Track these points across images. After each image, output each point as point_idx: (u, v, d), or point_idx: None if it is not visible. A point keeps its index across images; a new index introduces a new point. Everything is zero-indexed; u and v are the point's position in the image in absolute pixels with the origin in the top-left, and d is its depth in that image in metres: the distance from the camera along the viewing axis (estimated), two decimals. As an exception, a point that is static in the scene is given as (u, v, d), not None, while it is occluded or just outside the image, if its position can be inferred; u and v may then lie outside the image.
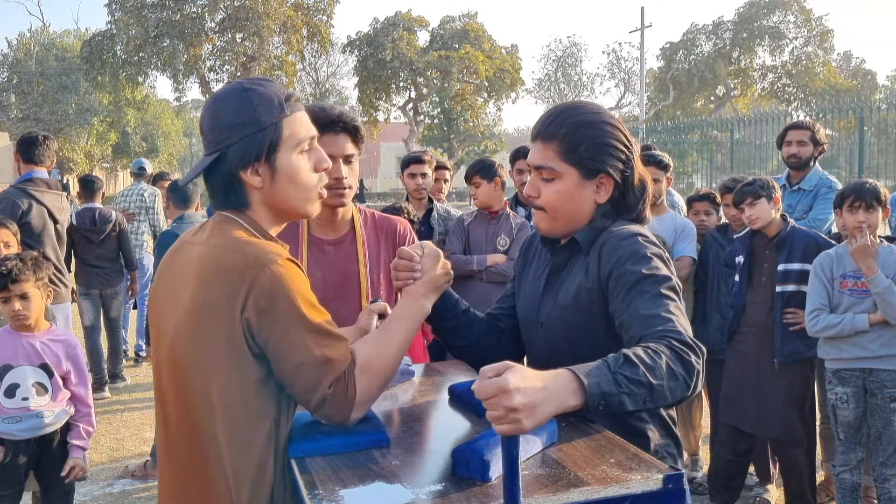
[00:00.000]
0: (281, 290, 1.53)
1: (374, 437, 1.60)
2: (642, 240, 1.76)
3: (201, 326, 1.56)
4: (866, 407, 3.68)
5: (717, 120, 22.46)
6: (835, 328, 3.63)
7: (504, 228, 4.61)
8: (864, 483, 3.88)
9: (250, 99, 1.63)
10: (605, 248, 1.76)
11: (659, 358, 1.47)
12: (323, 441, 1.59)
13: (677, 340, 1.53)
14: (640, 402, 1.43)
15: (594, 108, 1.87)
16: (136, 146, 41.90)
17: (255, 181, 1.64)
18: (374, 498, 1.34)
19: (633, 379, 1.42)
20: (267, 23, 31.60)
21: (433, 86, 36.10)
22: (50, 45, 43.54)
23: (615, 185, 1.83)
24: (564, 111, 1.84)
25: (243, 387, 1.56)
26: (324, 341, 1.56)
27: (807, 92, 38.50)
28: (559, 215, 1.84)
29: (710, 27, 40.19)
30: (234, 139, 1.61)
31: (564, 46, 48.98)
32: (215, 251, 1.59)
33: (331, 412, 1.58)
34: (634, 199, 1.87)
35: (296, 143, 1.66)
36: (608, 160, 1.80)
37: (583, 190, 1.82)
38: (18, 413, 3.24)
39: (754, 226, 3.91)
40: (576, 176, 1.80)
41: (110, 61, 32.47)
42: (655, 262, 1.71)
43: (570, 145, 1.79)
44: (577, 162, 1.79)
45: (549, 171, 1.81)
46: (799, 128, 4.81)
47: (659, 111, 39.53)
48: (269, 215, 1.69)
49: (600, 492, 1.34)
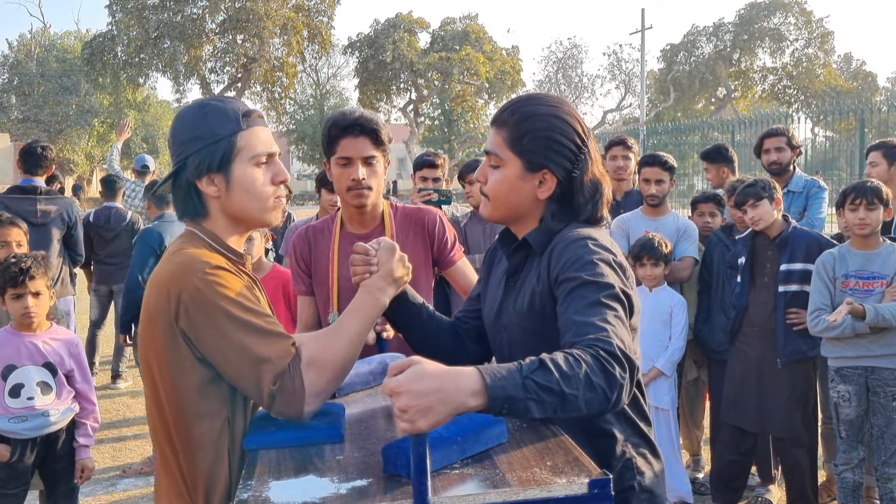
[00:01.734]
0: (208, 296, 1.60)
1: (325, 432, 1.63)
2: (591, 244, 1.70)
3: (151, 332, 1.67)
4: (868, 405, 3.68)
5: (718, 121, 22.47)
6: (836, 329, 3.63)
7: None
8: (866, 483, 3.88)
9: (206, 114, 1.73)
10: (555, 251, 1.74)
11: (578, 367, 1.40)
12: (275, 434, 1.64)
13: (605, 350, 1.46)
14: (550, 409, 1.36)
15: (552, 100, 1.83)
16: (136, 147, 41.87)
17: (210, 190, 1.73)
18: (297, 491, 1.37)
19: (544, 386, 1.35)
20: (267, 24, 31.63)
21: (434, 87, 36.13)
22: (51, 46, 43.57)
23: (558, 184, 1.78)
24: (521, 100, 1.83)
25: (186, 389, 1.65)
26: (259, 340, 1.61)
27: (807, 94, 38.54)
28: (500, 204, 1.82)
29: (711, 29, 40.23)
30: (190, 151, 1.71)
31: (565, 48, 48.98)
32: (162, 264, 1.72)
33: (282, 408, 1.62)
34: (583, 201, 1.80)
35: (251, 156, 1.74)
36: (551, 156, 1.76)
37: (524, 182, 1.78)
38: (24, 413, 3.25)
39: (757, 227, 3.91)
40: (518, 166, 1.78)
41: (111, 62, 32.51)
42: (601, 267, 1.65)
43: (516, 134, 1.77)
44: (520, 152, 1.77)
45: (495, 157, 1.80)
46: (774, 135, 4.92)
47: (660, 113, 39.55)
48: (227, 224, 1.78)
49: (519, 494, 1.32)
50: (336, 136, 2.46)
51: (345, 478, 1.42)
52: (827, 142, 21.19)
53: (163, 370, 1.66)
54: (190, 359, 1.63)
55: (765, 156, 4.88)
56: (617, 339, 1.50)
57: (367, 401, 1.94)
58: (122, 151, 8.57)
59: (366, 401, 1.93)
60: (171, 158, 1.77)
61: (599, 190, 1.83)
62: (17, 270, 3.23)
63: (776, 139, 4.87)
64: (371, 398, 1.96)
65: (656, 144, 19.08)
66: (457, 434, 1.44)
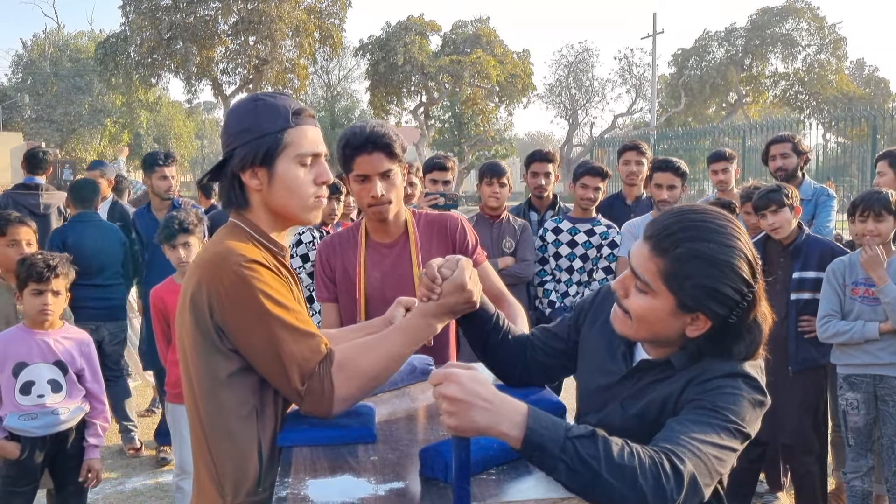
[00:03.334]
0: (242, 290, 1.62)
1: (359, 432, 1.66)
2: (743, 382, 1.54)
3: (186, 321, 1.70)
4: (877, 413, 3.67)
5: (729, 127, 22.42)
6: (845, 335, 3.63)
7: (507, 231, 4.63)
8: (876, 492, 3.86)
9: (257, 108, 1.76)
10: (701, 377, 1.56)
11: (631, 460, 1.30)
12: (310, 432, 1.67)
13: (670, 462, 1.33)
14: (578, 483, 1.30)
15: (723, 234, 1.55)
16: (148, 147, 42.10)
17: (253, 183, 1.76)
18: (336, 490, 1.39)
19: (583, 457, 1.29)
20: (279, 26, 31.70)
21: (444, 90, 36.14)
22: (64, 46, 43.78)
23: (713, 328, 1.57)
24: (688, 227, 1.55)
25: (216, 378, 1.67)
26: (289, 337, 1.63)
27: (819, 99, 38.38)
28: (642, 329, 1.62)
29: (723, 34, 40.12)
30: (237, 143, 1.75)
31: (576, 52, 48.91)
32: (200, 254, 1.77)
33: (310, 408, 1.66)
34: (739, 345, 1.58)
35: (296, 154, 1.76)
36: (710, 304, 1.53)
37: (674, 318, 1.57)
38: (35, 410, 3.28)
39: (775, 235, 3.90)
40: (671, 304, 1.55)
41: (124, 63, 32.62)
42: (742, 405, 1.50)
43: (675, 273, 1.53)
44: (676, 292, 1.54)
45: (644, 284, 1.57)
46: (781, 141, 4.97)
47: (670, 117, 39.46)
48: (268, 218, 1.80)
49: (557, 503, 1.34)
50: (351, 155, 2.48)
51: (381, 479, 1.44)
52: (839, 148, 21.09)
53: (194, 358, 1.69)
54: (221, 349, 1.66)
55: (771, 162, 4.93)
56: (693, 463, 1.37)
57: (395, 402, 1.96)
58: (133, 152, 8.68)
59: (393, 402, 1.96)
60: (222, 149, 1.83)
61: (759, 332, 1.60)
62: (43, 266, 3.27)
63: (781, 145, 4.90)
64: (399, 399, 1.98)
65: (667, 149, 19.04)
66: (494, 440, 1.44)
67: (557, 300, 4.58)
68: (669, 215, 1.60)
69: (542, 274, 4.66)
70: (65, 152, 36.05)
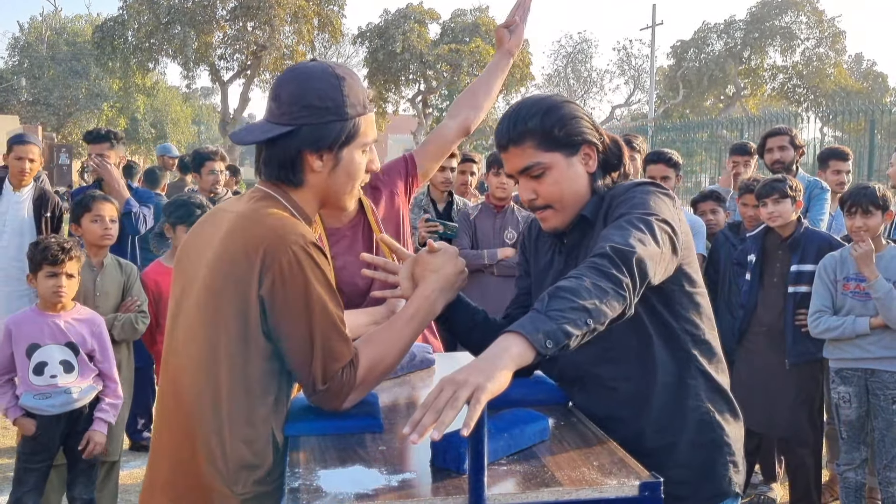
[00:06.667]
0: (299, 271, 1.54)
1: (367, 422, 1.66)
2: (641, 186, 1.77)
3: (218, 291, 1.58)
4: (869, 406, 3.70)
5: (727, 119, 22.39)
6: (836, 330, 3.66)
7: (510, 222, 4.65)
8: (869, 484, 3.90)
9: (342, 87, 1.65)
10: (612, 208, 1.76)
11: (581, 280, 1.45)
12: (317, 422, 1.65)
13: (601, 256, 1.50)
14: (583, 323, 1.41)
15: (543, 95, 1.89)
16: (145, 132, 41.87)
17: (316, 165, 1.67)
18: (347, 480, 1.39)
19: (565, 307, 1.40)
20: (278, 12, 31.51)
21: (443, 79, 36.00)
22: (61, 29, 43.47)
23: (597, 150, 1.85)
24: (520, 110, 1.83)
25: (250, 359, 1.58)
26: (331, 333, 1.58)
27: (817, 93, 38.29)
28: (566, 203, 1.82)
29: (722, 26, 39.97)
30: (312, 120, 1.63)
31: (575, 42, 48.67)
32: (243, 221, 1.61)
33: (322, 403, 1.63)
34: (616, 157, 1.88)
35: (364, 142, 1.71)
36: (583, 131, 1.81)
37: (574, 168, 1.82)
38: (48, 390, 3.39)
39: (773, 223, 3.92)
40: (562, 159, 1.80)
41: (121, 47, 32.40)
42: (651, 201, 1.69)
43: (544, 134, 1.79)
44: (556, 146, 1.79)
45: (536, 167, 1.80)
46: (778, 134, 5.00)
47: (668, 109, 39.36)
48: (313, 200, 1.72)
49: (572, 493, 1.35)
50: None
51: (392, 470, 1.44)
52: (836, 142, 21.09)
53: (227, 332, 1.57)
54: (257, 328, 1.57)
55: (768, 155, 4.93)
56: (618, 241, 1.53)
57: (397, 390, 1.97)
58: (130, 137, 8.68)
59: (395, 390, 1.96)
60: (274, 114, 1.65)
61: (619, 144, 1.90)
62: (58, 249, 3.34)
63: (779, 138, 4.92)
64: (400, 387, 1.99)
65: (664, 141, 19.02)
66: (503, 430, 1.47)
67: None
68: (503, 119, 1.86)
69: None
70: (61, 136, 35.86)
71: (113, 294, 3.93)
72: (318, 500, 1.30)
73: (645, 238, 1.56)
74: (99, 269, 3.90)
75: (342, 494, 1.32)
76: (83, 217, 3.95)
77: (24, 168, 5.04)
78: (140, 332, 3.95)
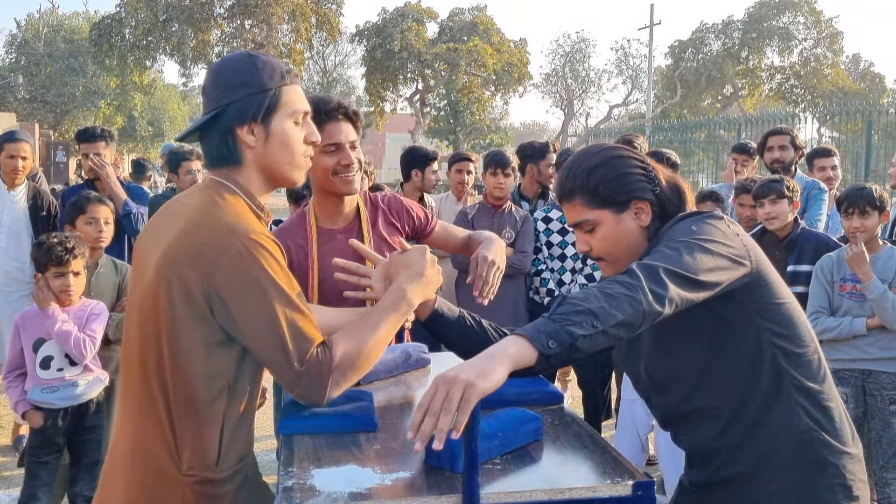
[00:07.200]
0: (250, 262, 1.57)
1: (360, 420, 1.66)
2: (693, 217, 1.74)
3: (167, 280, 1.60)
4: (866, 407, 3.70)
5: (724, 119, 22.42)
6: (833, 331, 3.66)
7: (508, 221, 4.65)
8: (863, 484, 3.90)
9: (255, 63, 1.73)
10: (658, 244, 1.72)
11: (590, 290, 1.48)
12: (311, 420, 1.66)
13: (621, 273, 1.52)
14: (589, 325, 1.40)
15: (597, 148, 1.89)
16: (142, 130, 41.85)
17: (249, 139, 1.72)
18: (341, 480, 1.39)
19: (571, 311, 1.42)
20: (276, 10, 31.50)
21: (441, 78, 35.99)
22: (58, 26, 43.40)
23: (651, 204, 1.82)
24: (573, 164, 1.86)
25: (191, 345, 1.60)
26: (295, 315, 1.59)
27: (814, 94, 38.34)
28: (618, 256, 1.83)
29: (720, 26, 40.01)
30: (235, 97, 1.70)
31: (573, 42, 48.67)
32: (196, 214, 1.65)
33: (304, 392, 1.59)
34: (674, 206, 1.84)
35: (291, 112, 1.74)
36: (630, 186, 1.80)
37: (624, 224, 1.81)
38: (55, 383, 3.45)
39: (770, 225, 3.93)
40: (610, 216, 1.80)
41: (118, 45, 32.36)
42: (700, 229, 1.66)
43: (589, 192, 1.80)
44: (603, 204, 1.80)
45: (586, 224, 1.83)
46: (779, 133, 5.01)
47: (666, 109, 39.40)
48: (258, 178, 1.76)
49: (566, 493, 1.35)
50: (320, 122, 2.39)
51: (386, 468, 1.45)
52: (833, 142, 21.14)
53: (167, 321, 1.61)
54: (203, 316, 1.59)
55: (768, 153, 4.93)
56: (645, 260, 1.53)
57: (392, 389, 1.97)
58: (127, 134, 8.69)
59: (390, 389, 1.96)
60: (205, 105, 1.75)
61: (680, 190, 1.87)
62: (62, 250, 3.39)
63: (781, 137, 4.93)
64: (395, 386, 1.99)
65: (662, 141, 19.05)
66: (497, 429, 1.48)
67: (555, 289, 4.60)
68: (559, 173, 1.92)
69: (536, 263, 4.68)
70: (58, 134, 35.80)
71: (108, 294, 3.92)
72: (312, 499, 1.30)
73: (680, 257, 1.56)
74: (94, 270, 3.89)
75: (336, 493, 1.32)
76: (77, 219, 3.95)
77: (16, 167, 4.97)
78: None
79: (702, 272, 1.55)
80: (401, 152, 5.48)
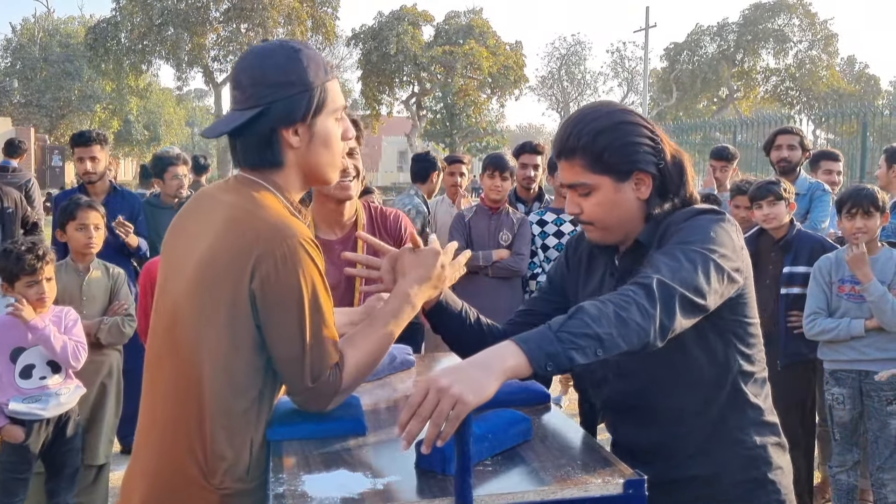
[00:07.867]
0: (293, 267, 1.52)
1: (349, 424, 1.63)
2: (702, 214, 1.69)
3: (209, 282, 1.55)
4: (863, 408, 3.70)
5: (720, 122, 22.45)
6: (831, 332, 3.66)
7: (505, 224, 4.65)
8: (861, 486, 3.89)
9: (300, 58, 1.61)
10: (669, 234, 1.68)
11: (606, 307, 1.41)
12: (300, 426, 1.63)
13: (639, 286, 1.45)
14: (591, 353, 1.37)
15: (605, 108, 1.75)
16: (138, 134, 41.84)
17: (293, 140, 1.63)
18: (332, 485, 1.37)
19: (578, 333, 1.37)
20: (272, 14, 31.55)
21: (437, 81, 36.04)
22: (54, 31, 43.38)
23: (653, 178, 1.73)
24: (578, 122, 1.73)
25: (236, 351, 1.56)
26: (322, 332, 1.56)
27: (810, 96, 38.48)
28: (609, 225, 1.75)
29: (715, 28, 40.15)
30: (280, 96, 1.59)
31: (568, 44, 48.89)
32: (237, 212, 1.58)
33: (307, 405, 1.60)
34: (675, 183, 1.75)
35: (334, 109, 1.67)
36: (636, 157, 1.70)
37: (622, 194, 1.72)
38: (38, 393, 3.34)
39: (768, 226, 3.92)
40: (609, 183, 1.71)
41: (114, 49, 32.40)
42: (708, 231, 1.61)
43: (593, 156, 1.69)
44: (605, 170, 1.70)
45: (582, 186, 1.73)
46: (788, 132, 5.00)
47: (661, 111, 39.52)
48: (296, 179, 1.69)
49: (556, 493, 1.34)
50: None
51: (377, 473, 1.42)
52: (828, 144, 21.18)
53: (215, 323, 1.55)
54: (248, 321, 1.55)
55: (775, 152, 4.91)
56: (665, 275, 1.48)
57: (378, 392, 1.95)
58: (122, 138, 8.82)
59: (376, 392, 1.94)
60: (240, 100, 1.63)
61: (682, 166, 1.78)
62: (34, 258, 3.30)
63: (790, 136, 4.92)
64: (381, 389, 1.97)
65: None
66: (487, 431, 1.46)
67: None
68: (561, 127, 1.78)
69: (532, 266, 4.67)
70: (54, 138, 35.78)
71: (100, 298, 3.90)
72: None
73: (696, 277, 1.51)
74: (85, 274, 3.87)
75: (328, 499, 1.31)
76: (68, 224, 3.91)
77: None
78: (127, 335, 3.90)
79: (709, 295, 1.53)
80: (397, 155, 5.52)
